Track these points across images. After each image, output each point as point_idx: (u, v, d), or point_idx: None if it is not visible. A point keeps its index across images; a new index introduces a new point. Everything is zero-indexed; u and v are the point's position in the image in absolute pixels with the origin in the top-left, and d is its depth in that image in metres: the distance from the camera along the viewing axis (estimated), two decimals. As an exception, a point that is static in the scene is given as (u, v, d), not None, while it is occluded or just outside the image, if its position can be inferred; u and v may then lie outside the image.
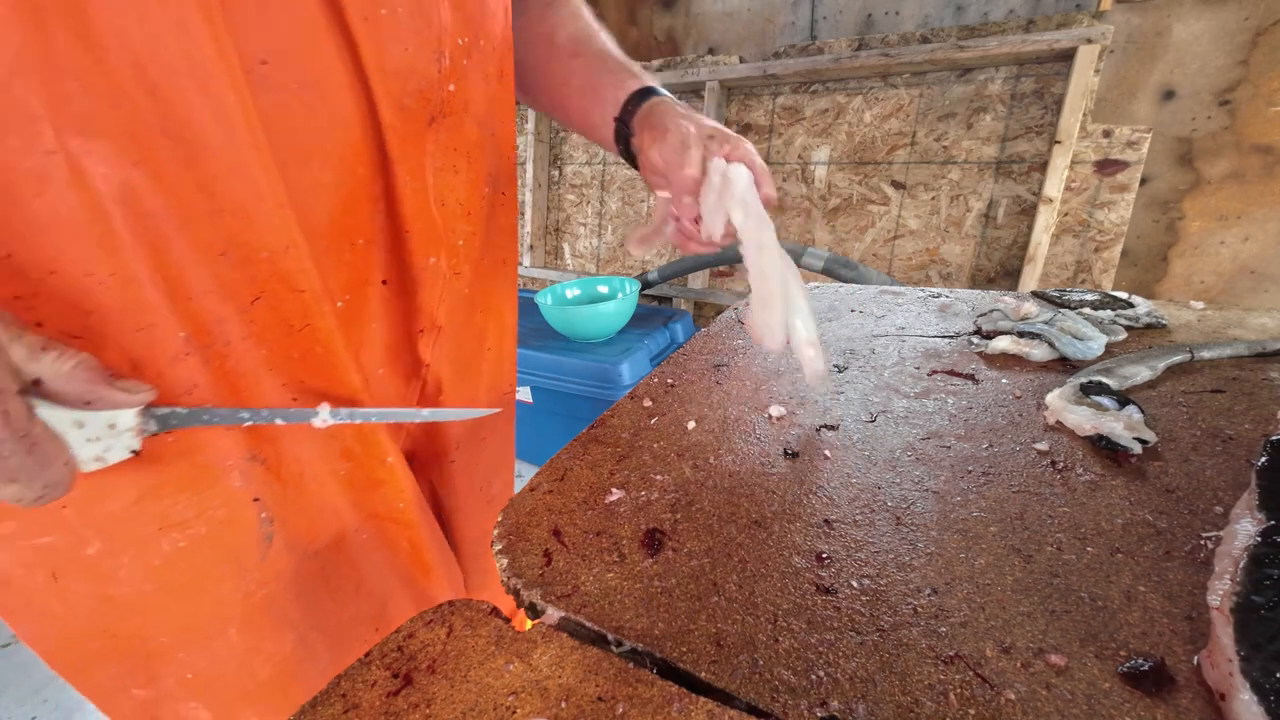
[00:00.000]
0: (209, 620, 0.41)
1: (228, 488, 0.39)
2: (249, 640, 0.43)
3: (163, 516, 0.38)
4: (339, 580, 0.47)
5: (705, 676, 0.26)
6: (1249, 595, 0.24)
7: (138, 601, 0.39)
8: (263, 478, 0.41)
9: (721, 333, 0.64)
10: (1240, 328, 0.54)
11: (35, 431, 0.29)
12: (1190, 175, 1.56)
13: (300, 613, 0.45)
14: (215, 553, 0.40)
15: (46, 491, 0.30)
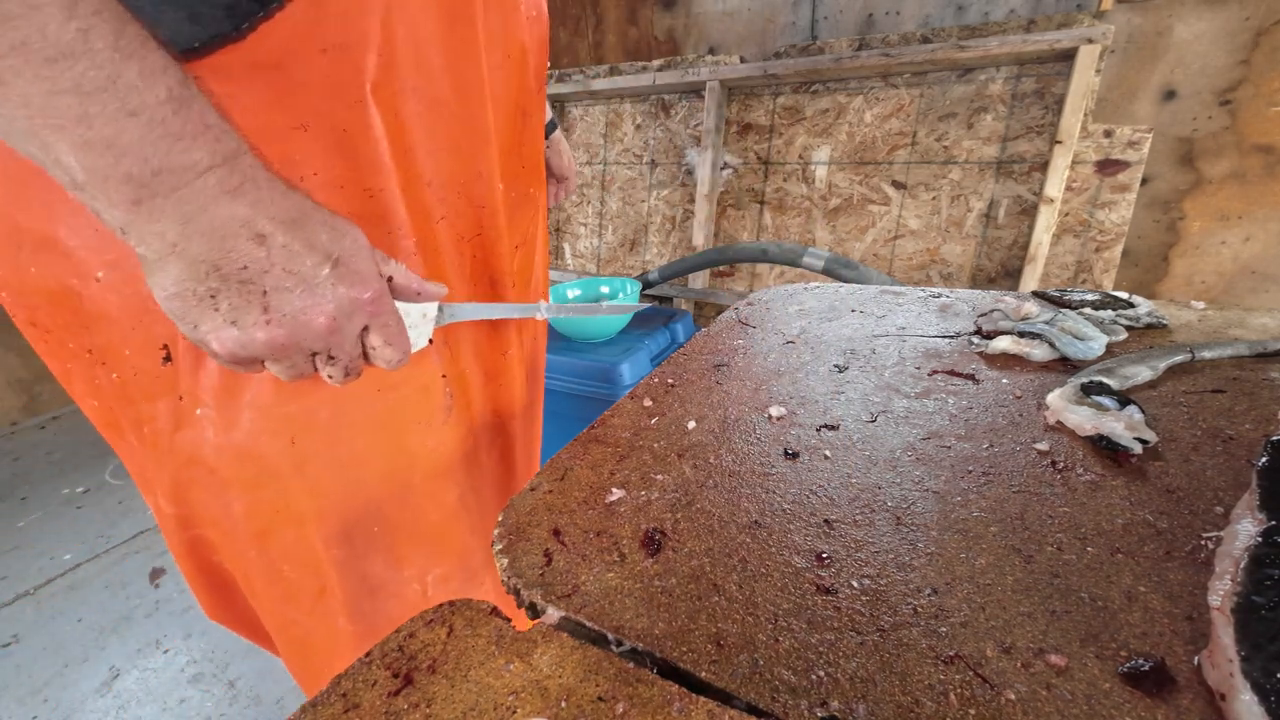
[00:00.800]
0: (403, 469, 0.50)
1: (430, 362, 0.50)
2: (429, 485, 0.52)
3: (381, 379, 0.47)
4: (487, 452, 0.58)
5: (705, 676, 0.26)
6: (1249, 595, 0.24)
7: (356, 455, 0.48)
8: (449, 358, 0.52)
9: (722, 333, 0.64)
10: (1241, 328, 0.54)
11: (396, 309, 0.39)
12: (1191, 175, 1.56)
13: (463, 473, 0.55)
14: (416, 412, 0.50)
15: (404, 356, 0.40)
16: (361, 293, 0.36)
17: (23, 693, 1.30)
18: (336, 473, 0.48)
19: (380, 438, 0.48)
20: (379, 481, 0.49)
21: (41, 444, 2.32)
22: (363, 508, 0.49)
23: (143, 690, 1.29)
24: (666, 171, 2.26)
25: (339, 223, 0.35)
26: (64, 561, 1.68)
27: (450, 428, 0.52)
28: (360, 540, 0.50)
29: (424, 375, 0.49)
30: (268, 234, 0.32)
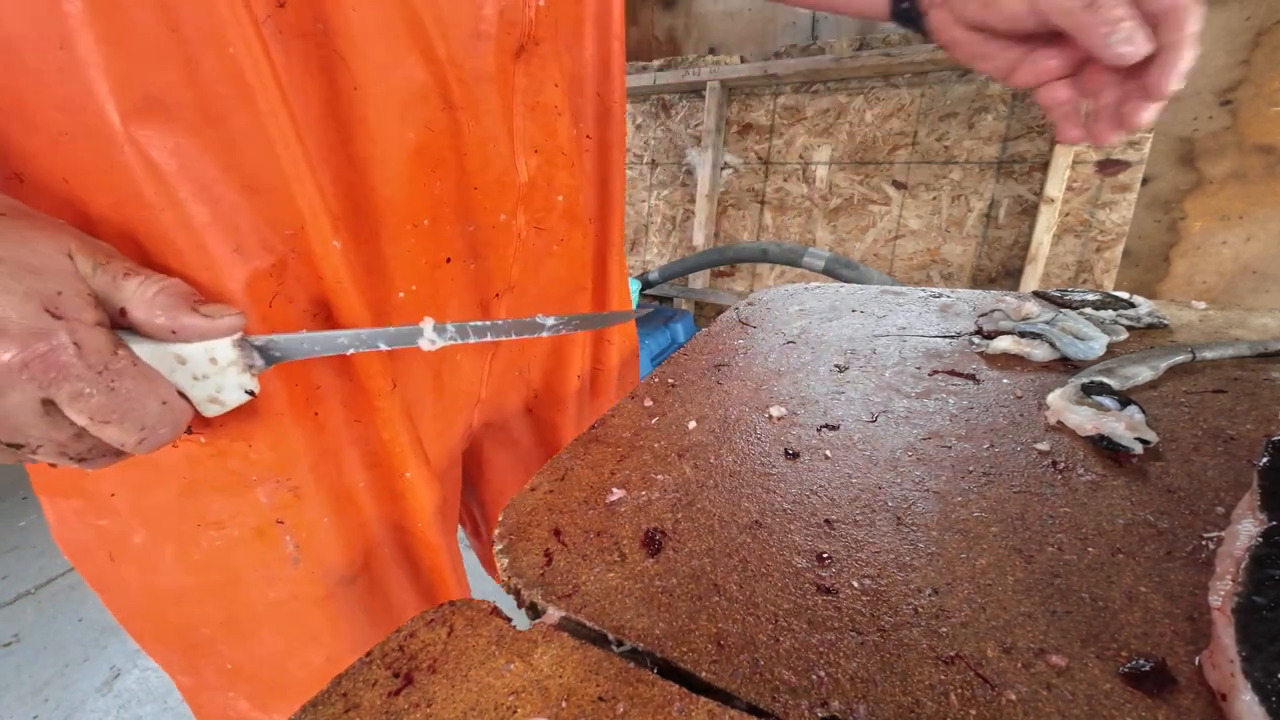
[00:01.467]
0: (245, 619, 0.40)
1: (255, 501, 0.37)
2: (283, 644, 0.42)
3: (201, 515, 0.37)
4: (370, 604, 0.45)
5: (706, 676, 0.26)
6: (1250, 596, 0.24)
7: (180, 592, 0.39)
8: (288, 503, 0.38)
9: (722, 333, 0.64)
10: (1242, 328, 0.54)
11: (117, 367, 0.26)
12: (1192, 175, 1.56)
13: (330, 634, 0.43)
14: (248, 557, 0.38)
15: (146, 434, 0.27)
16: (8, 351, 0.23)
17: (24, 692, 1.30)
18: (165, 604, 0.39)
19: (206, 581, 0.38)
20: (216, 626, 0.40)
21: (42, 444, 2.32)
22: (204, 645, 0.41)
23: (143, 690, 1.29)
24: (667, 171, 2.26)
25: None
26: (64, 561, 1.68)
27: (301, 582, 0.40)
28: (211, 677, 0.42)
29: (250, 514, 0.37)
30: None
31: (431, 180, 0.37)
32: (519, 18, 0.36)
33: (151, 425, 0.27)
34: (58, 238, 0.25)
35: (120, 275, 0.27)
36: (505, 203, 0.41)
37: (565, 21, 0.40)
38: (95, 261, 0.26)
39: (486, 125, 0.37)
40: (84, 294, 0.25)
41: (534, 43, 0.37)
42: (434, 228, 0.38)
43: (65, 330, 0.24)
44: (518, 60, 0.37)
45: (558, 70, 0.40)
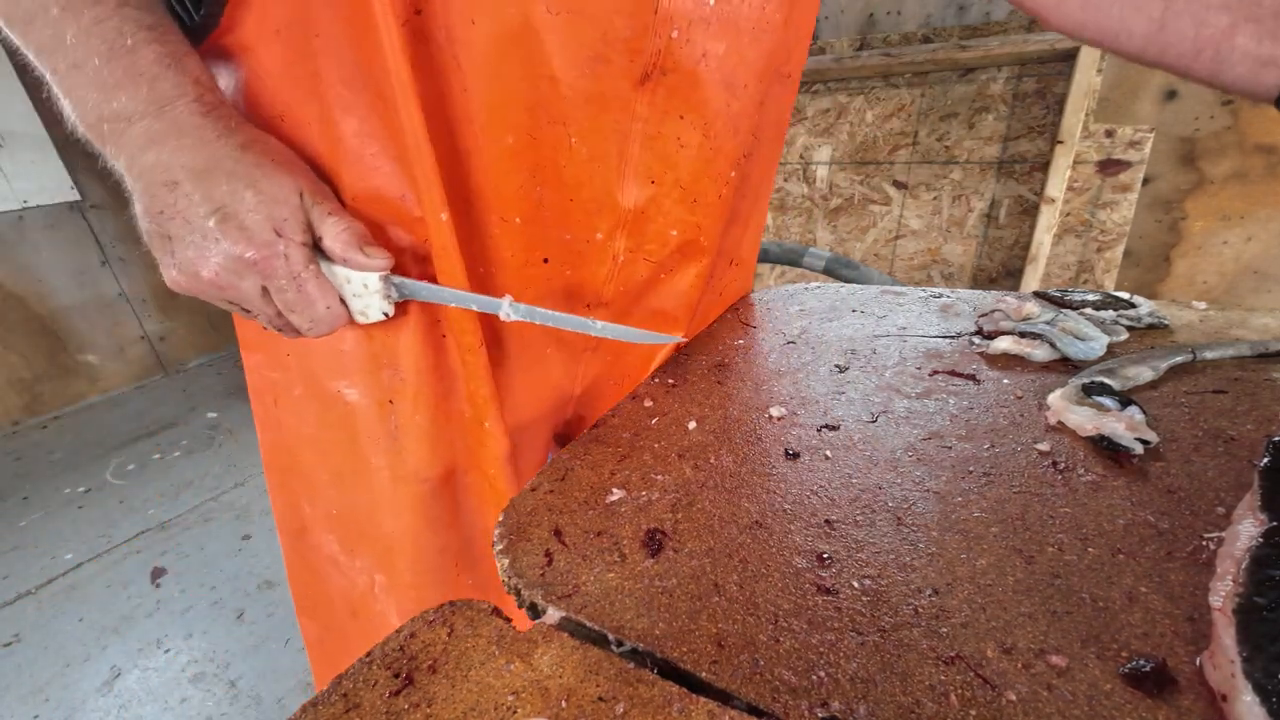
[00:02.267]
0: (351, 473, 0.49)
1: (380, 380, 0.46)
2: (372, 501, 0.49)
3: (345, 376, 0.46)
4: (438, 510, 0.51)
5: (706, 677, 0.26)
6: (1251, 596, 0.24)
7: (315, 440, 0.49)
8: (398, 389, 0.46)
9: (722, 333, 0.64)
10: (1243, 328, 0.54)
11: (304, 274, 0.36)
12: (1193, 175, 1.56)
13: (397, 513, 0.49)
14: (368, 422, 0.47)
15: (313, 325, 0.38)
16: (244, 250, 0.34)
17: (24, 691, 1.30)
18: (301, 451, 0.50)
19: (336, 434, 0.48)
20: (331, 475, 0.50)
21: (43, 443, 2.33)
22: (320, 488, 0.50)
23: (144, 690, 1.29)
24: (667, 171, 2.26)
25: (254, 174, 0.34)
26: (65, 561, 1.68)
27: (393, 462, 0.48)
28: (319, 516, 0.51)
29: (376, 391, 0.46)
30: (179, 181, 0.33)
31: (526, 183, 0.40)
32: (645, 46, 0.36)
33: (317, 319, 0.38)
34: (296, 178, 0.36)
35: (326, 212, 0.37)
36: (602, 222, 0.43)
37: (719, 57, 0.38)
38: (314, 199, 0.36)
39: (593, 145, 0.39)
40: (300, 221, 0.36)
41: (661, 72, 0.37)
42: (526, 227, 0.42)
43: (282, 245, 0.35)
44: (641, 88, 0.38)
45: (688, 104, 0.39)
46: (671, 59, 0.37)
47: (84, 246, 2.55)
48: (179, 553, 1.69)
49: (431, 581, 0.52)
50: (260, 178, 0.34)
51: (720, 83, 0.40)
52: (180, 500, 1.91)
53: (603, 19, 0.35)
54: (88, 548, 1.73)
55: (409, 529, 0.50)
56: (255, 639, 1.38)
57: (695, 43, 0.38)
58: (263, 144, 0.36)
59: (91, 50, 0.32)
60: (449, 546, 0.52)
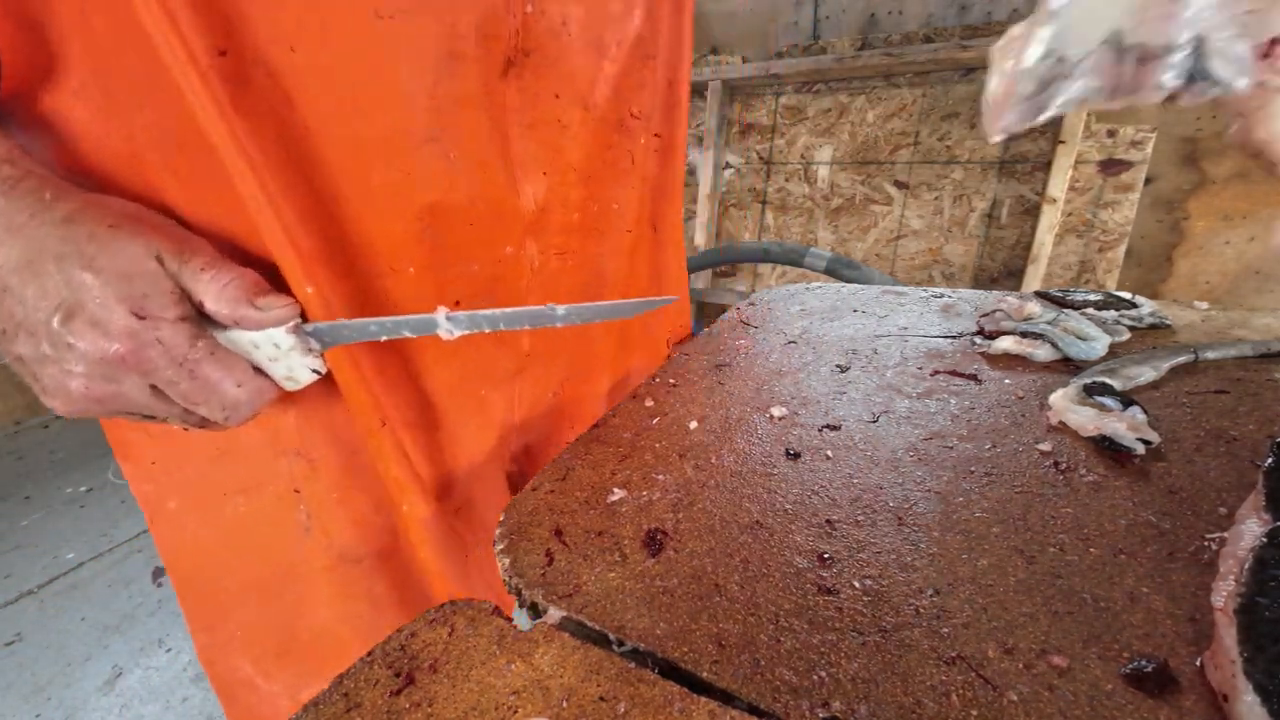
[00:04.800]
0: (260, 581, 0.43)
1: (277, 470, 0.40)
2: (290, 603, 0.44)
3: (229, 481, 0.40)
4: (382, 587, 0.45)
5: (707, 676, 0.26)
6: (1253, 596, 0.24)
7: (207, 554, 0.42)
8: (305, 474, 0.40)
9: (724, 333, 0.64)
10: (1245, 328, 0.53)
11: (195, 357, 0.30)
12: (1195, 175, 1.56)
13: (332, 602, 0.44)
14: (270, 519, 0.41)
15: (229, 412, 0.31)
16: (104, 348, 0.28)
17: (26, 691, 1.31)
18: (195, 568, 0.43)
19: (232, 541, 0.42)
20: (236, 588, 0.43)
21: (45, 443, 2.33)
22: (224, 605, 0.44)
23: (145, 689, 1.29)
24: (668, 171, 2.26)
25: (89, 250, 0.27)
26: (67, 560, 1.69)
27: (312, 552, 0.43)
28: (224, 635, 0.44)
29: (270, 483, 0.40)
30: (7, 288, 0.27)
31: (412, 222, 0.35)
32: (501, 29, 0.33)
33: (231, 404, 0.31)
34: (150, 240, 0.29)
35: (199, 270, 0.30)
36: (510, 235, 0.39)
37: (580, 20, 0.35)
38: (180, 259, 0.29)
39: (472, 154, 0.35)
40: (168, 292, 0.29)
41: (524, 54, 0.34)
42: (424, 274, 0.37)
43: (149, 329, 0.28)
44: (506, 77, 0.34)
45: (559, 79, 0.36)
46: (532, 37, 0.34)
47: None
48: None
49: None
50: (97, 252, 0.27)
51: (589, 46, 0.36)
52: (182, 500, 1.92)
53: (445, 12, 0.31)
54: (89, 547, 1.74)
55: (349, 615, 0.44)
56: (256, 638, 1.38)
57: (551, 11, 0.34)
58: (96, 209, 0.28)
59: None
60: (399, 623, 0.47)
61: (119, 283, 0.28)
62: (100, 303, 0.27)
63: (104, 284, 0.27)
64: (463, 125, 0.34)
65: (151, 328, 0.28)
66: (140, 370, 0.29)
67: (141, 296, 0.28)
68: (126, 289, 0.28)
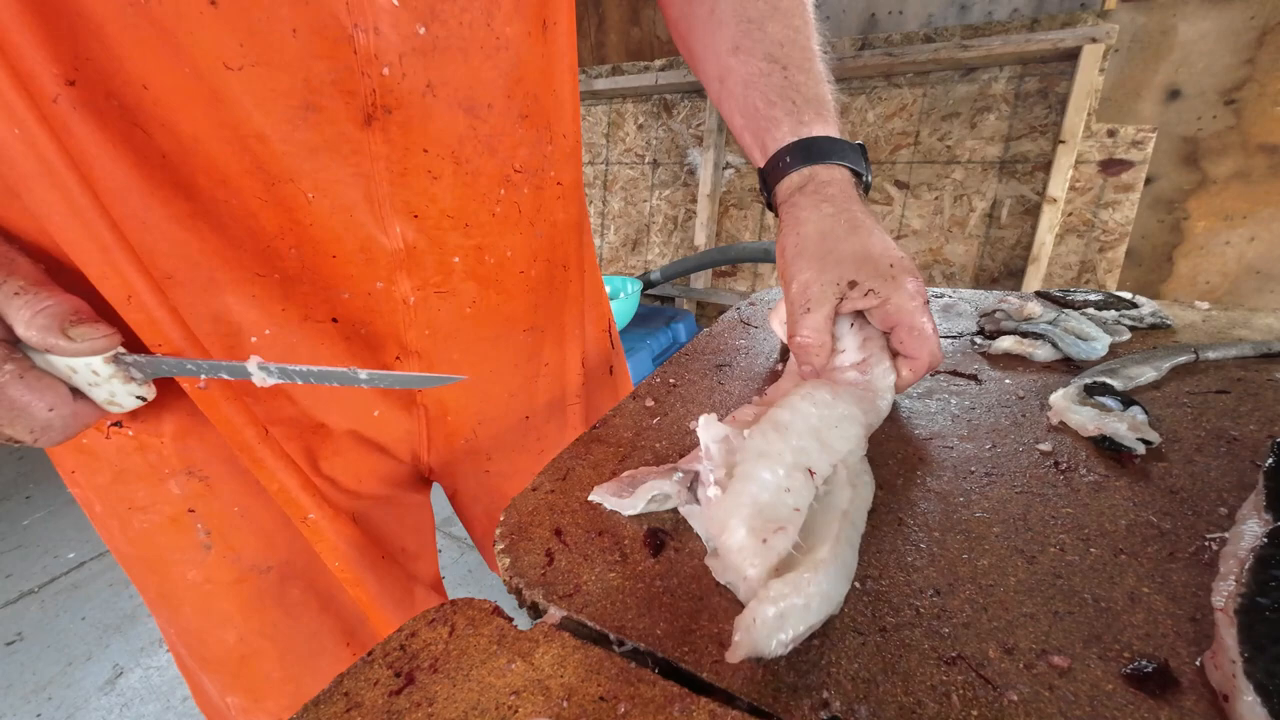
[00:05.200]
0: (170, 595, 0.44)
1: (169, 491, 0.41)
2: (200, 622, 0.45)
3: (130, 499, 0.41)
4: (295, 596, 0.45)
5: (707, 677, 0.26)
6: (1254, 597, 0.24)
7: (129, 561, 0.45)
8: (199, 492, 0.41)
9: (724, 333, 0.64)
10: (1246, 328, 0.53)
11: (1, 380, 0.30)
12: (1196, 175, 1.56)
13: (241, 616, 0.44)
14: (168, 540, 0.42)
15: (37, 434, 0.31)
16: None
17: (27, 690, 1.31)
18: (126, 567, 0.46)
19: (140, 556, 0.43)
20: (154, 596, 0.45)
21: (46, 443, 2.33)
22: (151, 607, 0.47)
23: (146, 688, 1.29)
24: (669, 171, 2.26)
25: None
26: (68, 560, 1.69)
27: (214, 567, 0.43)
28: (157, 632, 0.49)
29: (168, 505, 0.41)
30: None
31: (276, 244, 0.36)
32: (357, 87, 0.33)
33: (40, 427, 0.31)
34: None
35: (11, 294, 0.29)
36: (377, 270, 0.40)
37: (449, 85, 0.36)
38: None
39: (334, 196, 0.36)
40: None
41: (385, 110, 0.35)
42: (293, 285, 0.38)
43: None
44: (368, 129, 0.35)
45: (426, 137, 0.37)
46: (391, 96, 0.35)
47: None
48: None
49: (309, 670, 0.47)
50: None
51: (457, 108, 0.37)
52: (182, 499, 1.92)
53: (298, 66, 0.32)
54: (90, 546, 1.74)
55: (263, 626, 0.45)
56: (257, 638, 1.38)
57: (414, 75, 0.35)
58: None
59: None
60: (322, 631, 0.47)
61: None
62: None
63: None
64: (321, 169, 0.35)
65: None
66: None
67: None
68: None
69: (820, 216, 0.41)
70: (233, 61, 0.30)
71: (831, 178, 0.43)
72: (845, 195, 0.42)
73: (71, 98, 0.29)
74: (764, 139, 0.45)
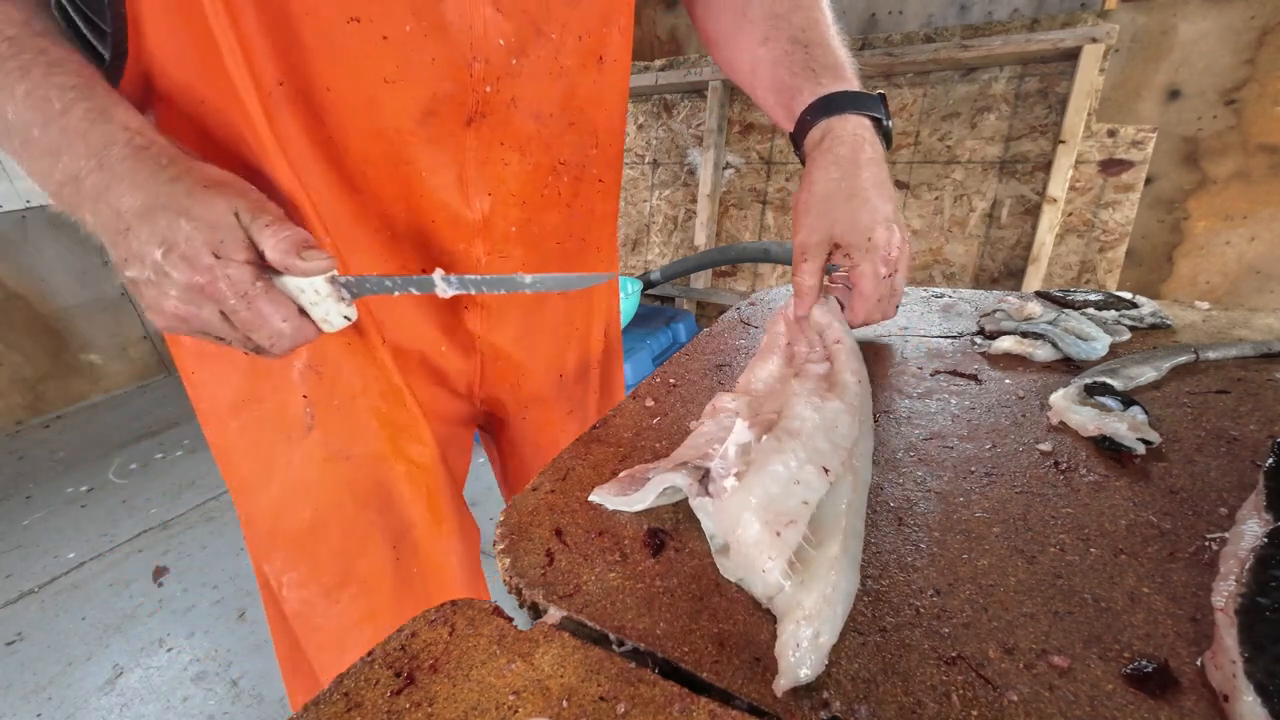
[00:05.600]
0: (267, 472, 0.53)
1: (288, 380, 0.50)
2: (285, 497, 0.53)
3: (252, 390, 0.50)
4: (365, 486, 0.53)
5: (707, 676, 0.26)
6: (1254, 597, 0.24)
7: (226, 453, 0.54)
8: (314, 382, 0.50)
9: (724, 333, 0.64)
10: (1245, 328, 0.53)
11: (254, 293, 0.38)
12: (1196, 175, 1.56)
13: (321, 492, 0.53)
14: (273, 424, 0.51)
15: (275, 341, 0.40)
16: (190, 277, 0.36)
17: (27, 690, 1.31)
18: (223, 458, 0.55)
19: (250, 439, 0.52)
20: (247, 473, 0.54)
21: (46, 443, 2.33)
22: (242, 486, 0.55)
23: (146, 688, 1.29)
24: (668, 171, 2.26)
25: (186, 203, 0.36)
26: (68, 560, 1.69)
27: (310, 446, 0.52)
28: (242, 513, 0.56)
29: (285, 392, 0.51)
30: (130, 226, 0.36)
31: (395, 207, 0.48)
32: (467, 99, 0.45)
33: (276, 335, 0.39)
34: (230, 198, 0.37)
35: (264, 225, 0.38)
36: (461, 234, 0.51)
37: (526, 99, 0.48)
38: (252, 215, 0.37)
39: (440, 176, 0.48)
40: (240, 240, 0.37)
41: (481, 116, 0.47)
42: (395, 243, 0.49)
43: (222, 266, 0.37)
44: (468, 128, 0.47)
45: (505, 135, 0.49)
46: (488, 105, 0.47)
47: (87, 246, 2.56)
48: (181, 552, 1.69)
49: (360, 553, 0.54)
50: (191, 205, 0.36)
51: (529, 116, 0.49)
52: (182, 499, 1.92)
53: (432, 83, 0.43)
54: (90, 547, 1.74)
55: (332, 505, 0.53)
56: (257, 638, 1.38)
57: (504, 92, 0.47)
58: (196, 172, 0.37)
59: (31, 121, 0.36)
60: (379, 524, 0.54)
61: (205, 229, 0.36)
62: (190, 243, 0.36)
63: (194, 229, 0.36)
64: (434, 155, 0.47)
65: (224, 266, 0.36)
66: (214, 298, 0.37)
67: (219, 242, 0.36)
68: (210, 235, 0.36)
69: (826, 180, 0.50)
70: (390, 78, 0.42)
71: (845, 130, 0.51)
72: (853, 154, 0.50)
73: (280, 93, 0.41)
74: (791, 105, 0.54)
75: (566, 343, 0.66)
